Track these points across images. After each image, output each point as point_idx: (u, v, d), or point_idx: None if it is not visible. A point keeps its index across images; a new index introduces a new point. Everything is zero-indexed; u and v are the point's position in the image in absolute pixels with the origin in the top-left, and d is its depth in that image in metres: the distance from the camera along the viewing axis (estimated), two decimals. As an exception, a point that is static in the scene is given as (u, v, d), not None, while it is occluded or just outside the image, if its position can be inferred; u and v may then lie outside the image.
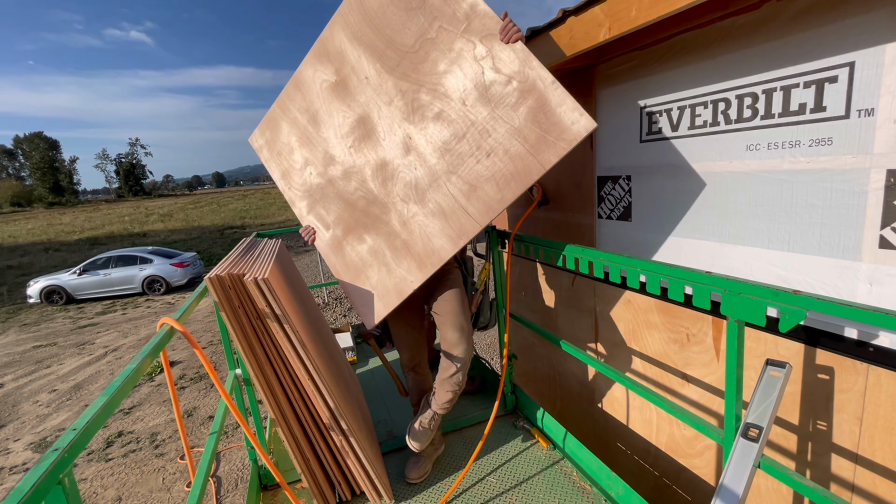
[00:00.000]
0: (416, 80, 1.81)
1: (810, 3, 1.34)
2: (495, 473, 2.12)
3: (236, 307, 1.51)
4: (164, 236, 26.87)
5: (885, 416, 1.34)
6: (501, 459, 2.22)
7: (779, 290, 1.09)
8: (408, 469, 2.05)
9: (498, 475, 2.11)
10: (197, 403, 5.84)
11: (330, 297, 10.41)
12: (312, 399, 1.63)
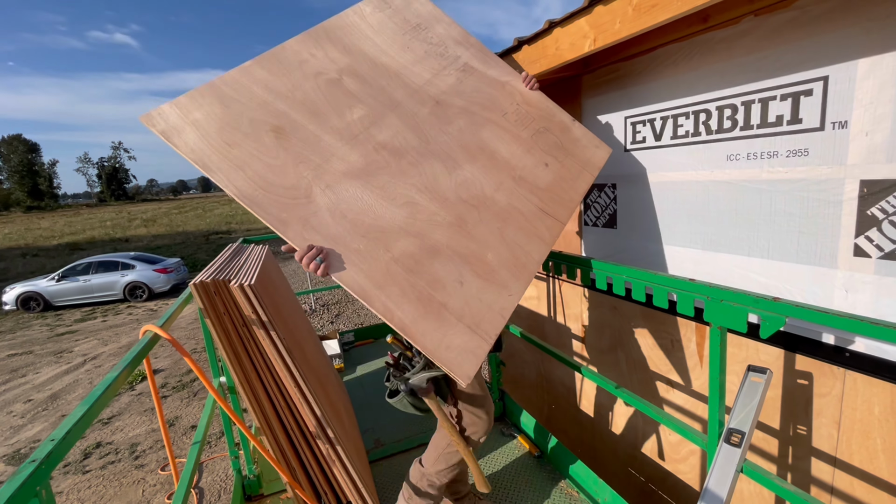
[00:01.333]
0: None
1: (787, 18, 1.39)
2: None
3: (221, 314, 1.49)
4: (148, 242, 26.37)
5: (861, 420, 1.38)
6: (489, 466, 2.21)
7: (759, 298, 1.12)
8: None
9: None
10: (179, 413, 5.72)
11: (317, 304, 10.31)
12: (299, 407, 1.61)
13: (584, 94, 2.31)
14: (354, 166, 1.45)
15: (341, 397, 2.47)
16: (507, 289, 1.44)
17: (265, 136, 1.40)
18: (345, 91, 1.60)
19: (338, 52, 1.68)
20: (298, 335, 1.91)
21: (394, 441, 2.44)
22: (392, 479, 2.15)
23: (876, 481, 1.36)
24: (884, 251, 1.27)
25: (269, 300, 1.59)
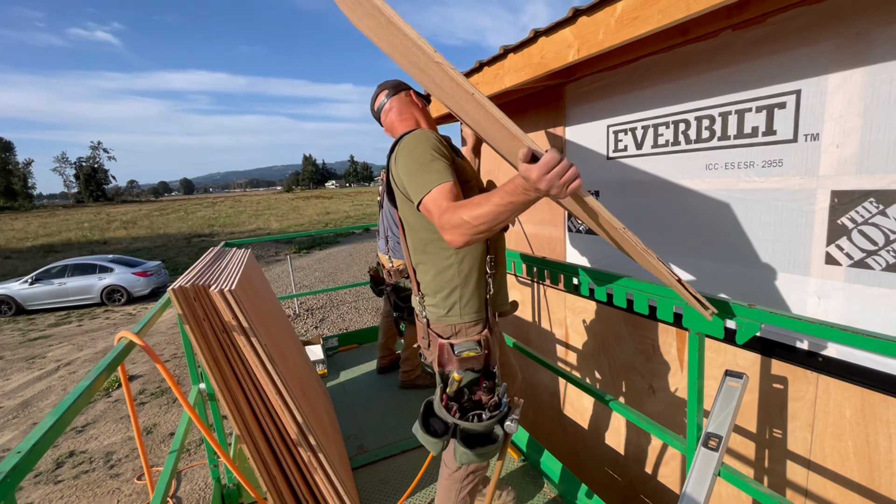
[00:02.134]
0: None
1: (762, 34, 1.44)
2: (467, 487, 2.11)
3: (201, 319, 1.46)
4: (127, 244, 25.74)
5: (833, 423, 1.41)
6: (473, 472, 2.21)
7: (736, 304, 1.15)
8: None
9: (469, 488, 2.10)
10: (157, 420, 5.58)
11: (301, 309, 10.19)
12: (280, 414, 1.59)
13: (567, 102, 2.34)
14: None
15: (324, 403, 2.44)
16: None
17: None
18: None
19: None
20: (280, 341, 1.89)
21: (377, 447, 2.42)
22: (376, 486, 2.13)
23: (848, 483, 1.40)
24: (853, 259, 1.31)
25: (251, 305, 1.57)
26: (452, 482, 1.49)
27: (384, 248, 3.06)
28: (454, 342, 1.37)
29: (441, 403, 1.31)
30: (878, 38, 1.19)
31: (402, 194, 1.38)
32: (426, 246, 1.40)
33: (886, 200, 1.22)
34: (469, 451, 1.26)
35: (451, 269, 1.38)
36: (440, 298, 1.40)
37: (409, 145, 1.31)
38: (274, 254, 19.61)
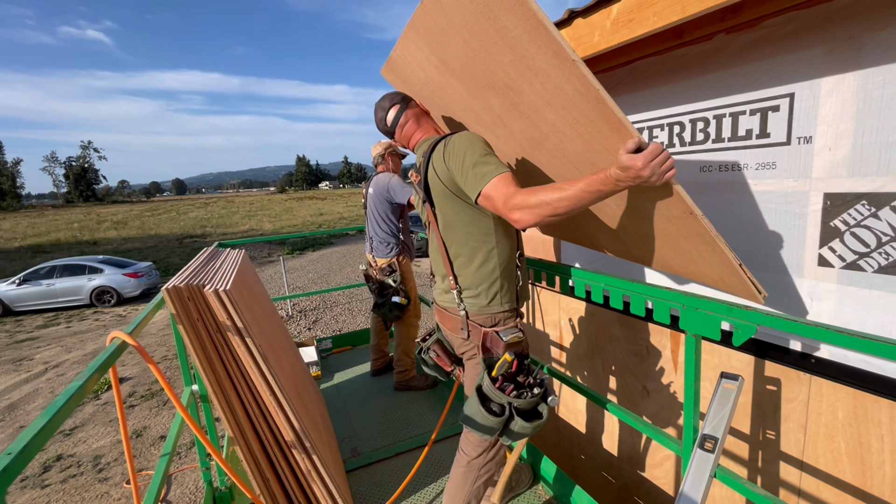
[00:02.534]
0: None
1: (756, 37, 1.45)
2: (461, 489, 2.10)
3: (195, 320, 1.45)
4: (118, 245, 25.46)
5: (826, 424, 1.43)
6: (468, 474, 2.20)
7: (732, 306, 1.15)
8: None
9: (464, 491, 2.09)
10: (147, 423, 5.51)
11: (294, 310, 10.13)
12: (274, 416, 1.57)
13: (563, 104, 2.35)
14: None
15: (318, 405, 2.43)
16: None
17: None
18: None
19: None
20: (274, 342, 1.87)
21: (372, 450, 2.41)
22: (370, 489, 2.11)
23: (840, 484, 1.41)
24: (845, 261, 1.33)
25: (245, 306, 1.55)
26: (470, 470, 1.58)
27: (370, 248, 3.18)
28: (498, 329, 1.49)
29: (494, 386, 1.41)
30: (869, 42, 1.20)
31: (448, 190, 1.45)
32: (468, 239, 1.48)
33: (878, 203, 1.23)
34: (527, 424, 1.39)
35: (492, 261, 1.48)
36: (483, 290, 1.50)
37: (462, 144, 1.39)
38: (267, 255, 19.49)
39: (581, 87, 1.09)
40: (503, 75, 1.31)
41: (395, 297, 3.00)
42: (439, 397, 3.03)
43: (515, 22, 1.11)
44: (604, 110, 1.09)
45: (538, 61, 1.15)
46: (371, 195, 3.08)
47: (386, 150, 3.09)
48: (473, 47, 1.32)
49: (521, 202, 1.22)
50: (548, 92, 1.22)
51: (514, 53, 1.20)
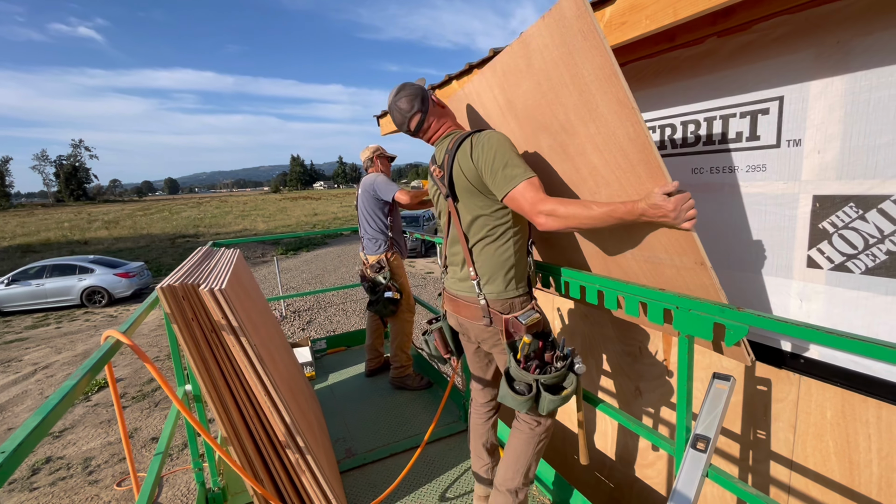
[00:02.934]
0: None
1: (746, 41, 1.48)
2: (454, 489, 2.11)
3: (189, 319, 1.44)
4: (109, 244, 25.20)
5: (815, 424, 1.45)
6: (463, 475, 2.21)
7: (725, 307, 1.17)
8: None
9: (458, 490, 2.10)
10: (139, 424, 5.46)
11: (288, 311, 10.09)
12: (268, 415, 1.57)
13: (558, 106, 2.37)
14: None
15: (312, 406, 2.42)
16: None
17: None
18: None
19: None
20: (269, 342, 1.87)
21: (366, 450, 2.40)
22: (364, 490, 2.11)
23: (829, 483, 1.43)
24: (834, 263, 1.35)
25: (240, 305, 1.55)
26: (532, 436, 1.71)
27: (362, 247, 3.28)
28: (517, 314, 1.56)
29: (519, 367, 1.50)
30: (857, 47, 1.22)
31: (472, 186, 1.53)
32: (488, 230, 1.57)
33: (866, 205, 1.26)
34: (555, 396, 1.47)
35: (508, 250, 1.57)
36: (500, 277, 1.58)
37: (492, 144, 1.47)
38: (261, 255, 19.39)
39: (633, 132, 1.21)
40: (563, 118, 1.42)
41: (388, 293, 3.06)
42: (434, 398, 3.04)
43: (591, 69, 1.23)
44: (648, 156, 1.22)
45: (601, 106, 1.26)
46: (360, 195, 3.19)
47: (374, 154, 3.21)
48: (544, 89, 1.44)
49: (551, 209, 1.35)
50: (600, 136, 1.33)
51: (580, 98, 1.31)
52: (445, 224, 1.74)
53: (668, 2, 1.28)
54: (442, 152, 1.65)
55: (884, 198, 1.22)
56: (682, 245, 1.31)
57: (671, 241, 1.33)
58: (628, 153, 1.27)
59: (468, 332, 1.75)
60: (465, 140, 1.54)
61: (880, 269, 1.26)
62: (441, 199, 1.73)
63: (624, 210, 1.27)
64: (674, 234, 1.30)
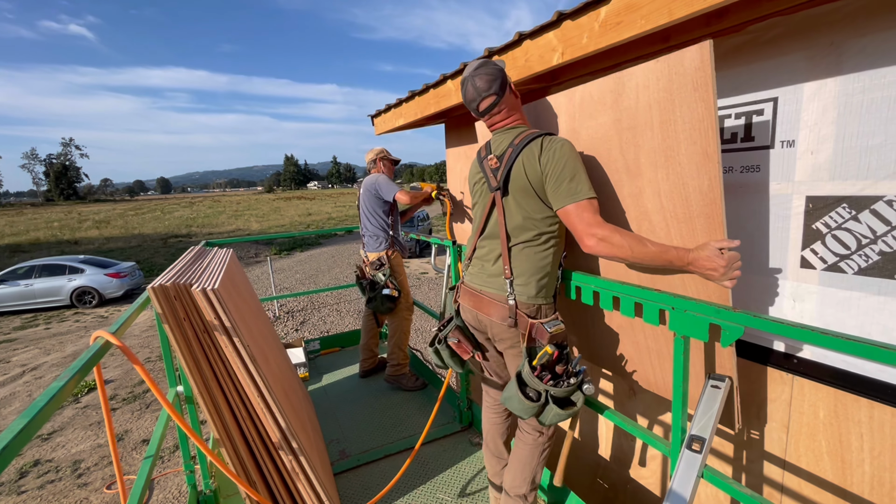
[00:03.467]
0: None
1: (740, 42, 1.48)
2: (451, 491, 2.10)
3: (181, 319, 1.42)
4: (100, 244, 24.92)
5: (807, 423, 1.46)
6: (457, 477, 2.20)
7: (720, 308, 1.17)
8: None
9: (453, 492, 2.09)
10: (129, 426, 5.39)
11: (281, 311, 10.03)
12: (261, 417, 1.55)
13: (553, 106, 2.37)
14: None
15: (306, 407, 2.40)
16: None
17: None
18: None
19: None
20: (262, 342, 1.85)
21: (360, 452, 2.39)
22: (358, 492, 2.10)
23: (821, 482, 1.44)
24: (827, 263, 1.36)
25: (233, 305, 1.53)
26: (537, 446, 1.73)
27: (362, 246, 3.32)
28: (543, 321, 1.55)
29: (533, 374, 1.49)
30: (850, 48, 1.23)
31: (531, 187, 1.52)
32: (535, 235, 1.56)
33: (859, 206, 1.27)
34: (562, 411, 1.47)
35: (547, 258, 1.57)
36: (534, 281, 1.57)
37: (564, 152, 1.46)
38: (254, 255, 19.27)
39: (707, 186, 1.27)
40: (631, 158, 1.46)
41: (386, 290, 3.09)
42: (429, 398, 3.03)
43: (688, 119, 1.27)
44: (714, 210, 1.27)
45: (682, 155, 1.31)
46: (362, 194, 3.24)
47: (378, 156, 3.27)
48: (622, 127, 1.47)
49: (605, 235, 1.36)
50: (668, 183, 1.37)
51: (662, 143, 1.36)
52: (483, 216, 1.67)
53: (663, 2, 1.28)
54: (503, 144, 1.60)
55: (876, 198, 1.23)
56: (712, 299, 1.35)
57: (701, 293, 1.38)
58: (692, 204, 1.32)
59: (487, 330, 1.71)
60: (535, 140, 1.51)
61: (873, 269, 1.27)
62: (484, 190, 1.67)
63: (675, 254, 1.30)
64: (707, 288, 1.35)
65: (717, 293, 1.34)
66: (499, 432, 1.92)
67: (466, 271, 1.79)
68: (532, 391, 1.51)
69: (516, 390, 1.51)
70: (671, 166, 1.35)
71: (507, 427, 1.92)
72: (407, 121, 3.23)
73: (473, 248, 1.75)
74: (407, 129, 3.55)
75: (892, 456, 1.27)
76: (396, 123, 3.42)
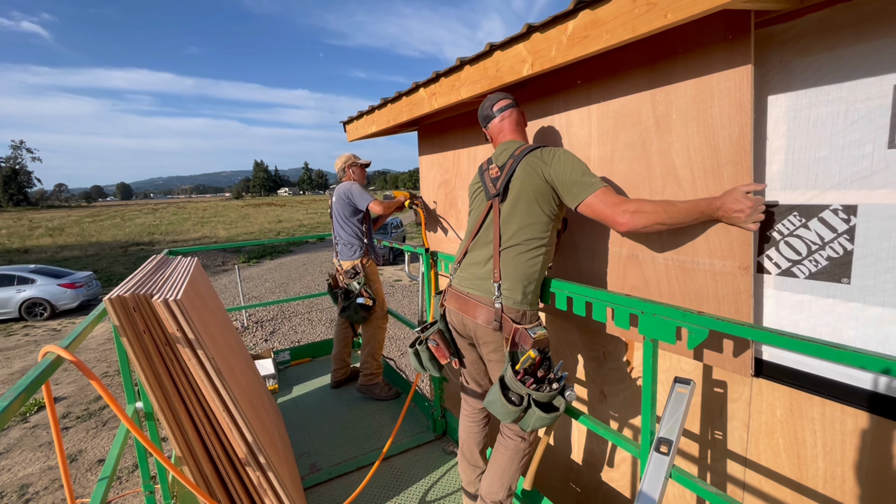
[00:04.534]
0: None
1: (700, 60, 1.56)
2: (424, 501, 2.07)
3: (141, 332, 1.36)
4: (53, 253, 23.56)
5: (766, 422, 1.52)
6: (431, 486, 2.18)
7: (686, 311, 1.21)
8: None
9: (426, 502, 2.06)
10: (84, 446, 5.09)
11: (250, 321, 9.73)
12: (227, 432, 1.49)
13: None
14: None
15: (275, 420, 2.33)
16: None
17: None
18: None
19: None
20: (229, 354, 1.79)
21: (331, 465, 2.33)
22: (329, 506, 2.05)
23: (780, 478, 1.51)
24: (781, 268, 1.43)
25: (197, 316, 1.48)
26: (517, 452, 1.75)
27: (335, 254, 3.28)
28: (527, 326, 1.60)
29: (516, 378, 1.52)
30: (797, 66, 1.31)
31: (531, 193, 1.61)
32: (526, 241, 1.63)
33: (808, 214, 1.34)
34: (545, 415, 1.50)
35: (536, 265, 1.63)
36: (521, 286, 1.62)
37: (567, 157, 1.59)
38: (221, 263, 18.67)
39: (738, 134, 1.37)
40: (662, 112, 1.58)
41: (360, 299, 3.04)
42: (401, 408, 2.99)
43: (724, 73, 1.40)
44: (743, 157, 1.37)
45: (714, 108, 1.42)
46: (335, 202, 3.21)
47: (346, 164, 3.28)
48: (656, 84, 1.60)
49: (636, 207, 1.43)
50: (698, 135, 1.48)
51: (696, 95, 1.48)
52: (478, 222, 1.76)
53: (627, 18, 1.33)
54: (505, 155, 1.74)
55: (823, 207, 1.31)
56: (734, 247, 1.42)
57: (723, 242, 1.45)
58: (721, 153, 1.42)
59: (471, 334, 1.74)
60: (535, 150, 1.65)
61: (822, 273, 1.34)
62: (481, 198, 1.79)
63: (705, 205, 1.39)
64: (729, 236, 1.42)
65: (739, 240, 1.42)
66: (475, 441, 1.92)
67: (455, 275, 1.83)
68: (515, 395, 1.54)
69: (499, 394, 1.54)
70: (703, 119, 1.46)
71: (483, 436, 1.92)
72: (379, 128, 3.22)
73: (464, 252, 1.80)
74: (379, 136, 3.54)
75: (843, 451, 1.34)
76: (369, 130, 3.40)
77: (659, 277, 1.68)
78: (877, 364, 0.90)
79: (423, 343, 1.83)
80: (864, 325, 1.27)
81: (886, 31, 1.14)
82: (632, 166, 1.70)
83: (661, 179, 1.62)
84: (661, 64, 1.59)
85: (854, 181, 1.25)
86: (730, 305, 1.48)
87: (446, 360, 1.82)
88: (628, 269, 1.79)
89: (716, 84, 1.42)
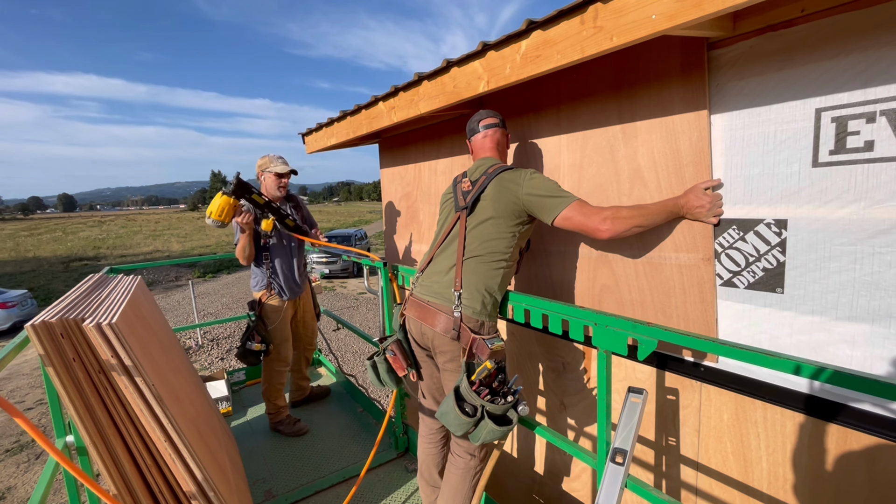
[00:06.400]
0: None
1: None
2: (386, 523, 2.02)
3: (70, 360, 1.25)
4: (-18, 270, 21.69)
5: (714, 427, 1.58)
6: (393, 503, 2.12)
7: (637, 323, 1.25)
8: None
9: (388, 524, 2.01)
10: (13, 482, 4.65)
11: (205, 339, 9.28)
12: (170, 465, 1.39)
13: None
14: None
15: (226, 446, 2.21)
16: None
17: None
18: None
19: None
20: (173, 379, 1.68)
21: (287, 491, 2.23)
22: (285, 535, 1.95)
23: (728, 480, 1.56)
24: (723, 279, 1.51)
25: (136, 341, 1.38)
26: (468, 470, 1.74)
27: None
28: (485, 337, 1.62)
29: (472, 388, 1.52)
30: (731, 90, 1.40)
31: (501, 210, 1.67)
32: (489, 253, 1.67)
33: (745, 228, 1.42)
34: (497, 427, 1.49)
35: (496, 278, 1.67)
36: (481, 297, 1.65)
37: (538, 177, 1.68)
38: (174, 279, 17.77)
39: (697, 138, 1.48)
40: (628, 120, 1.69)
41: (249, 342, 2.65)
42: (363, 426, 2.92)
43: (682, 91, 1.52)
44: (703, 158, 1.47)
45: (676, 117, 1.53)
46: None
47: (260, 168, 2.89)
48: (622, 93, 1.72)
49: (612, 213, 1.50)
50: (662, 141, 1.58)
51: (658, 104, 1.59)
52: (445, 232, 1.79)
53: (576, 40, 1.38)
54: (479, 171, 1.81)
55: (758, 221, 1.39)
56: (697, 241, 1.53)
57: (686, 237, 1.54)
58: (682, 155, 1.53)
59: (429, 343, 1.73)
60: (508, 170, 1.71)
61: (759, 284, 1.42)
62: (451, 208, 1.85)
63: (672, 203, 1.48)
64: (692, 230, 1.53)
65: (701, 234, 1.51)
66: (434, 462, 1.89)
67: (417, 283, 1.83)
68: (469, 406, 1.53)
69: (453, 405, 1.53)
70: (666, 127, 1.56)
71: (442, 457, 1.90)
72: (339, 140, 3.17)
73: (428, 261, 1.82)
74: (340, 148, 3.49)
75: (783, 452, 1.41)
76: (328, 143, 3.35)
77: (628, 274, 1.74)
78: (787, 366, 0.96)
79: (381, 354, 1.82)
80: (798, 333, 1.35)
81: (808, 58, 1.24)
82: (601, 171, 1.80)
83: (629, 182, 1.70)
84: (626, 79, 1.68)
85: (784, 197, 1.33)
86: (695, 295, 1.56)
87: (404, 372, 1.81)
88: (598, 269, 1.84)
89: (676, 95, 1.53)
